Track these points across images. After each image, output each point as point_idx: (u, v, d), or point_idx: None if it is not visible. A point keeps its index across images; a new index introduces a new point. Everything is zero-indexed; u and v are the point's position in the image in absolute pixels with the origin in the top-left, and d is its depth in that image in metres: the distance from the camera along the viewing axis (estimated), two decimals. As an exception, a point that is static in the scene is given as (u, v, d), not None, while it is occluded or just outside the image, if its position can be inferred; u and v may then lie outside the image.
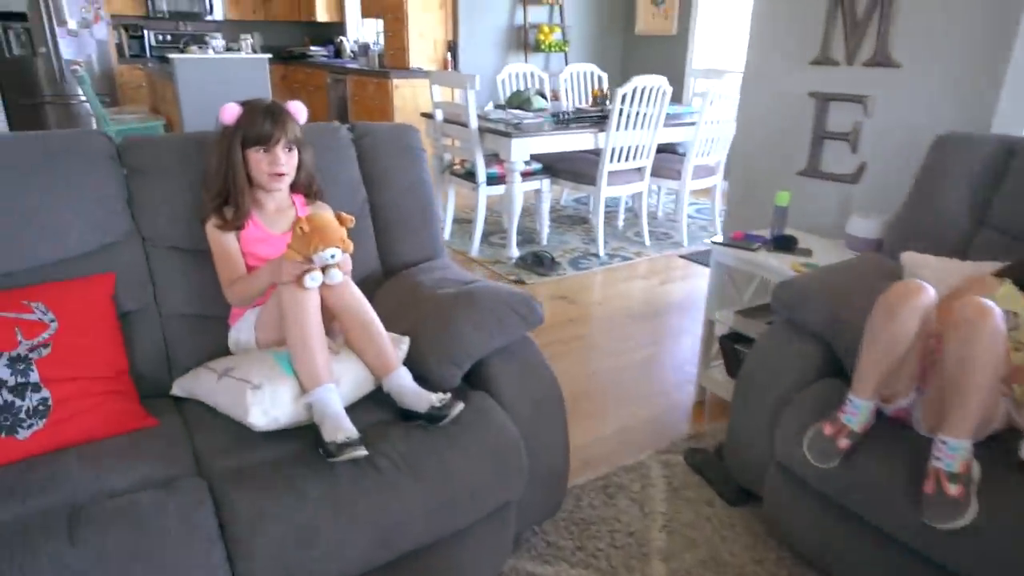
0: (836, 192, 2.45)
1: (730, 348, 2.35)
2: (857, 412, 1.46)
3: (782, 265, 2.09)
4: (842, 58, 2.34)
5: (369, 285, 1.76)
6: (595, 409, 2.43)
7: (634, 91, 3.67)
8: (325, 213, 1.46)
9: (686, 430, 2.30)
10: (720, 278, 2.34)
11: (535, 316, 1.59)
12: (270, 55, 5.40)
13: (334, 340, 1.52)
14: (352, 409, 1.39)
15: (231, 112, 1.56)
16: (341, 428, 1.30)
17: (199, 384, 1.47)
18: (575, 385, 2.59)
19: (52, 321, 1.35)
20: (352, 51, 7.35)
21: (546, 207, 4.29)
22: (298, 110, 1.64)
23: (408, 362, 1.51)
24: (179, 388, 1.52)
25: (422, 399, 1.41)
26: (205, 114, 4.72)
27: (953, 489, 1.28)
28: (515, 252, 3.94)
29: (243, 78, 4.89)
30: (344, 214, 1.47)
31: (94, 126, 5.52)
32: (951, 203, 1.91)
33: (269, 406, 1.33)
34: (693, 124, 4.06)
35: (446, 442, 1.37)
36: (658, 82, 3.74)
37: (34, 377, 1.29)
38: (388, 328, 1.51)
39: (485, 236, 4.30)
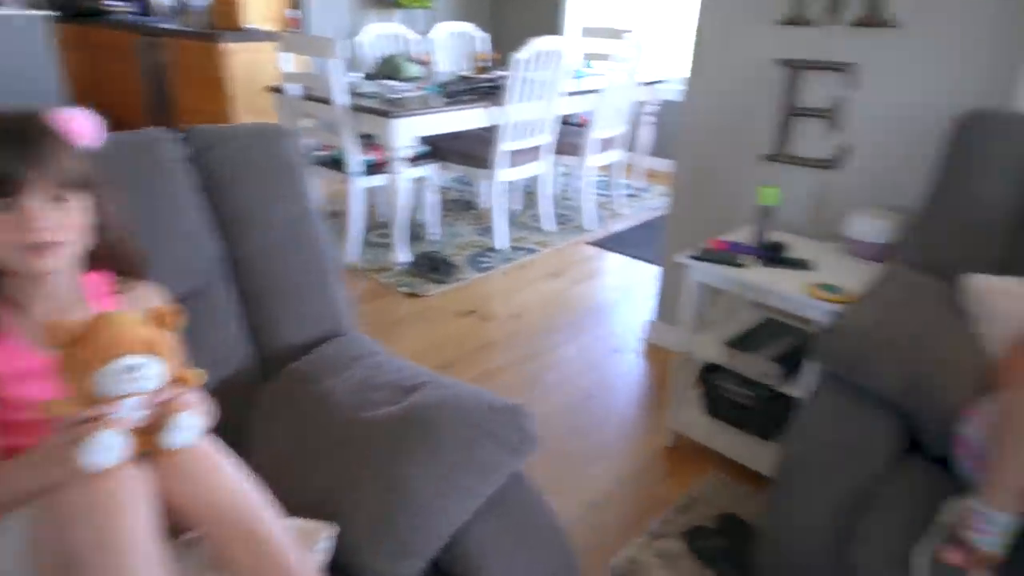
0: (810, 181, 2.05)
1: (715, 385, 1.90)
2: (995, 531, 1.04)
3: (792, 290, 1.64)
4: (820, 16, 1.91)
5: (237, 395, 1.09)
6: (548, 477, 1.90)
7: (537, 56, 3.09)
8: (123, 312, 0.78)
9: (669, 494, 1.83)
10: (697, 302, 1.86)
11: (528, 440, 1.01)
12: (56, 12, 4.17)
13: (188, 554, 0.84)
14: None
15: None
16: None
17: None
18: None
19: None
20: (166, 6, 6.05)
21: (433, 198, 3.63)
22: (83, 125, 0.90)
23: (336, 559, 0.87)
24: None
25: None
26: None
27: None
28: (403, 256, 3.27)
29: (12, 45, 3.68)
30: (163, 307, 0.80)
31: None
32: (992, 200, 1.54)
33: None
34: (598, 92, 3.56)
35: None
36: (560, 45, 3.18)
37: None
38: (287, 497, 0.86)
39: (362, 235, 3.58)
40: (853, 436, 1.27)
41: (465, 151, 3.43)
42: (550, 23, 5.22)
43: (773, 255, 1.80)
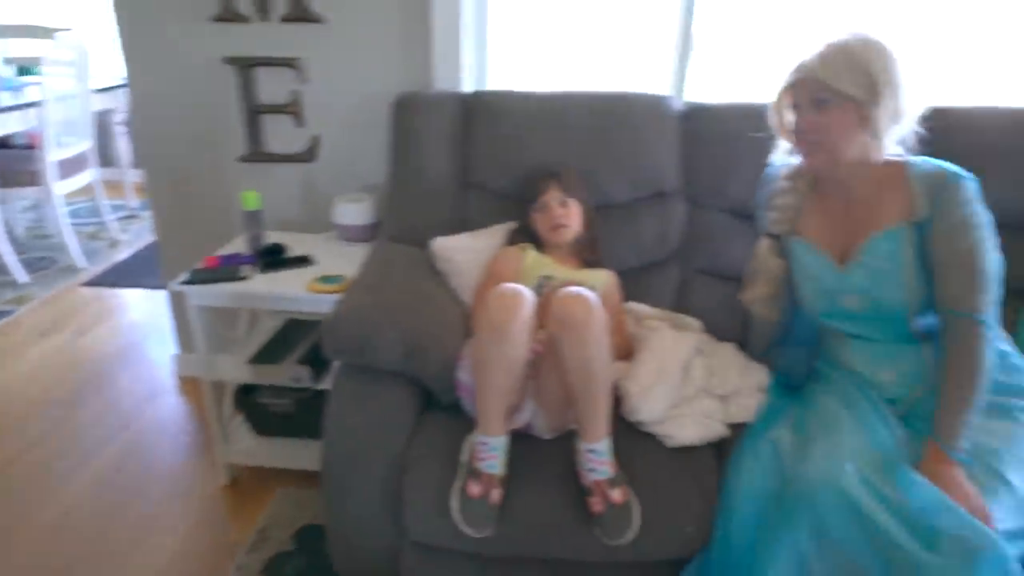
0: (296, 175, 2.06)
1: (254, 404, 1.80)
2: (497, 454, 1.22)
3: (295, 290, 1.63)
4: (253, 12, 1.88)
5: None
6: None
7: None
8: None
9: (241, 535, 1.70)
10: (208, 326, 1.71)
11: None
12: None
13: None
14: None
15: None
16: None
17: None
18: (48, 555, 1.62)
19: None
20: None
21: None
22: None
23: None
24: None
25: None
26: None
27: (617, 494, 1.18)
28: None
29: None
30: None
31: None
32: (435, 170, 1.76)
33: None
34: (39, 105, 2.95)
35: None
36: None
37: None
38: None
39: None
40: (377, 413, 1.34)
41: None
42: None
43: (273, 259, 1.76)
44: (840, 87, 1.13)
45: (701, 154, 1.75)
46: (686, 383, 1.38)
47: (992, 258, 1.15)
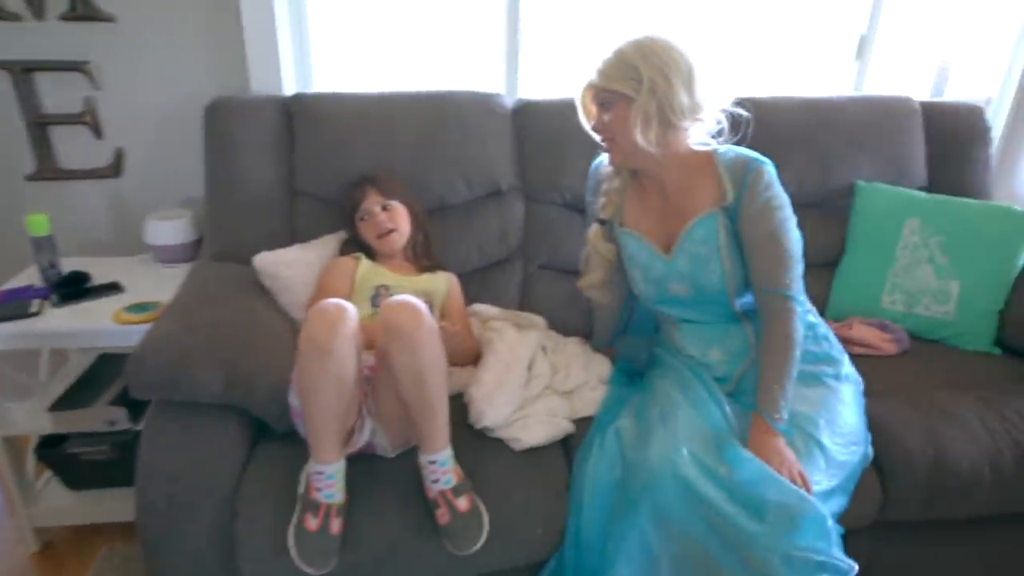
0: (99, 193, 1.84)
1: (63, 456, 1.58)
2: (333, 481, 1.13)
3: (100, 322, 1.44)
4: (24, 10, 1.64)
5: None
6: None
7: None
8: None
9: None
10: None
11: None
12: None
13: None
14: None
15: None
16: None
17: None
18: None
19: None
20: None
21: None
22: None
23: None
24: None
25: None
26: None
27: (462, 502, 1.15)
28: None
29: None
30: None
31: None
32: (257, 180, 1.64)
33: None
34: None
35: None
36: None
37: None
38: None
39: None
40: (201, 452, 1.20)
41: None
42: None
43: (72, 289, 1.55)
44: (612, 87, 1.20)
45: (534, 150, 1.75)
46: (531, 383, 1.37)
47: (794, 237, 1.23)
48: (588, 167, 1.46)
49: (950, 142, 1.91)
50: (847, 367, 1.34)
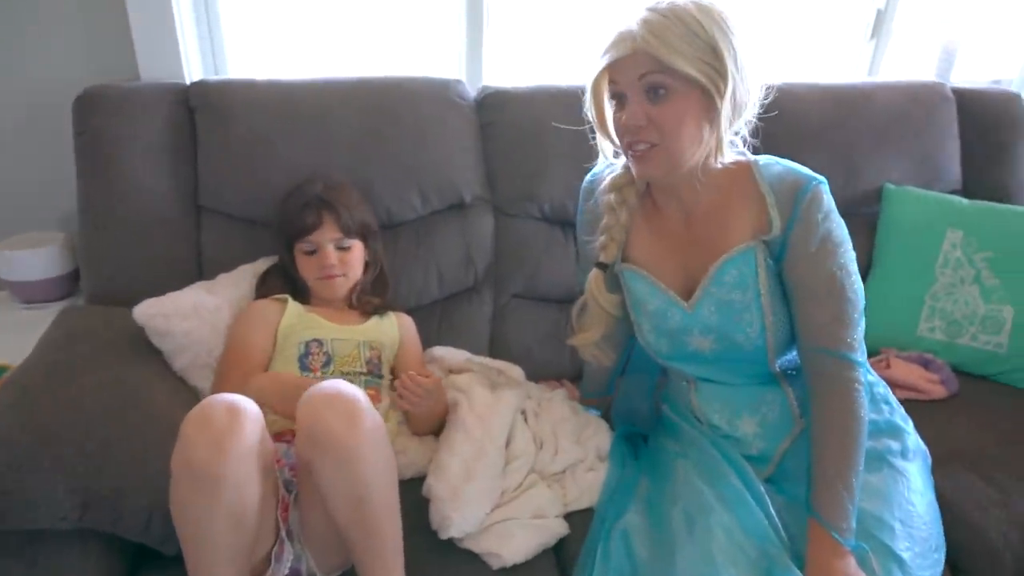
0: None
1: None
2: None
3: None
4: None
5: None
6: None
7: None
8: None
9: None
10: None
11: None
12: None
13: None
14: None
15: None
16: None
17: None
18: None
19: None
20: None
21: None
22: None
23: None
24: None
25: None
26: None
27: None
28: None
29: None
30: None
31: None
32: (149, 192, 1.26)
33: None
34: None
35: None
36: None
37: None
38: None
39: None
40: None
41: None
42: None
43: None
44: (678, 65, 0.82)
45: (504, 151, 1.42)
46: (510, 467, 1.05)
47: (858, 282, 0.93)
48: (571, 171, 1.13)
49: (986, 136, 1.64)
50: (913, 436, 1.05)
